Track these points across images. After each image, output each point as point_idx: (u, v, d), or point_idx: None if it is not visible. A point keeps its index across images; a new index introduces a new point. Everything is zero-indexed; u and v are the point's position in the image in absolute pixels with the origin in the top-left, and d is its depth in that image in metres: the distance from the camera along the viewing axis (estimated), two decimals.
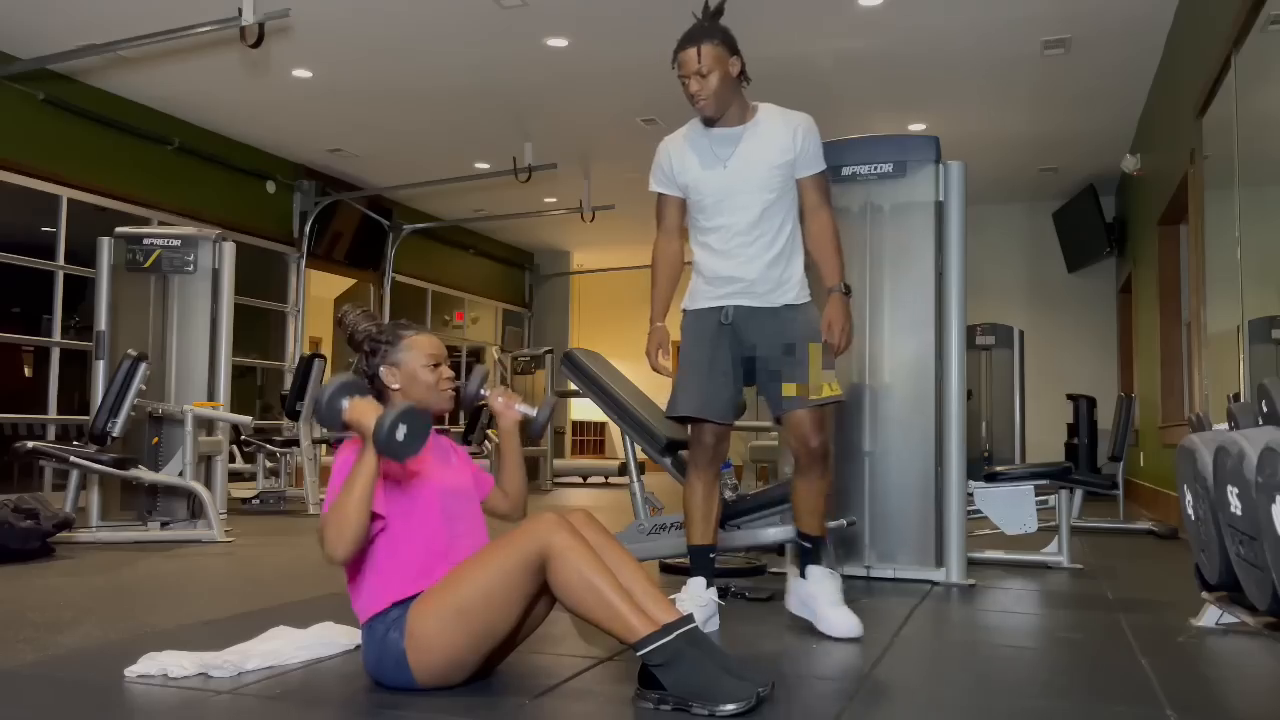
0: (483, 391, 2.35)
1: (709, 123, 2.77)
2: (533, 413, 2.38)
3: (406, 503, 2.07)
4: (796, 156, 2.74)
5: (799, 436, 2.71)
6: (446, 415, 2.33)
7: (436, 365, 2.17)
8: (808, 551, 2.79)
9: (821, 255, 2.79)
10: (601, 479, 11.06)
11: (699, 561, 2.82)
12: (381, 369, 2.16)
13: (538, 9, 5.81)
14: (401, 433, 1.88)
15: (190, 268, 5.55)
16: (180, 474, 5.12)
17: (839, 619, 2.65)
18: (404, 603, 2.02)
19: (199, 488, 5.06)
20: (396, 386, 2.15)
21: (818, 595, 2.70)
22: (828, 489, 2.82)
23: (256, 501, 6.82)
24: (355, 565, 2.06)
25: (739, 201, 2.75)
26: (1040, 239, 10.08)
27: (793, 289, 2.77)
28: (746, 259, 2.76)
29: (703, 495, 2.83)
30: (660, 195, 2.93)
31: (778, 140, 2.73)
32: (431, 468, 2.14)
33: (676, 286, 2.97)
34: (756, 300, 2.76)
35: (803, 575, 2.78)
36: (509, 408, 2.37)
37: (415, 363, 2.15)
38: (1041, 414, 8.76)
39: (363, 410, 1.95)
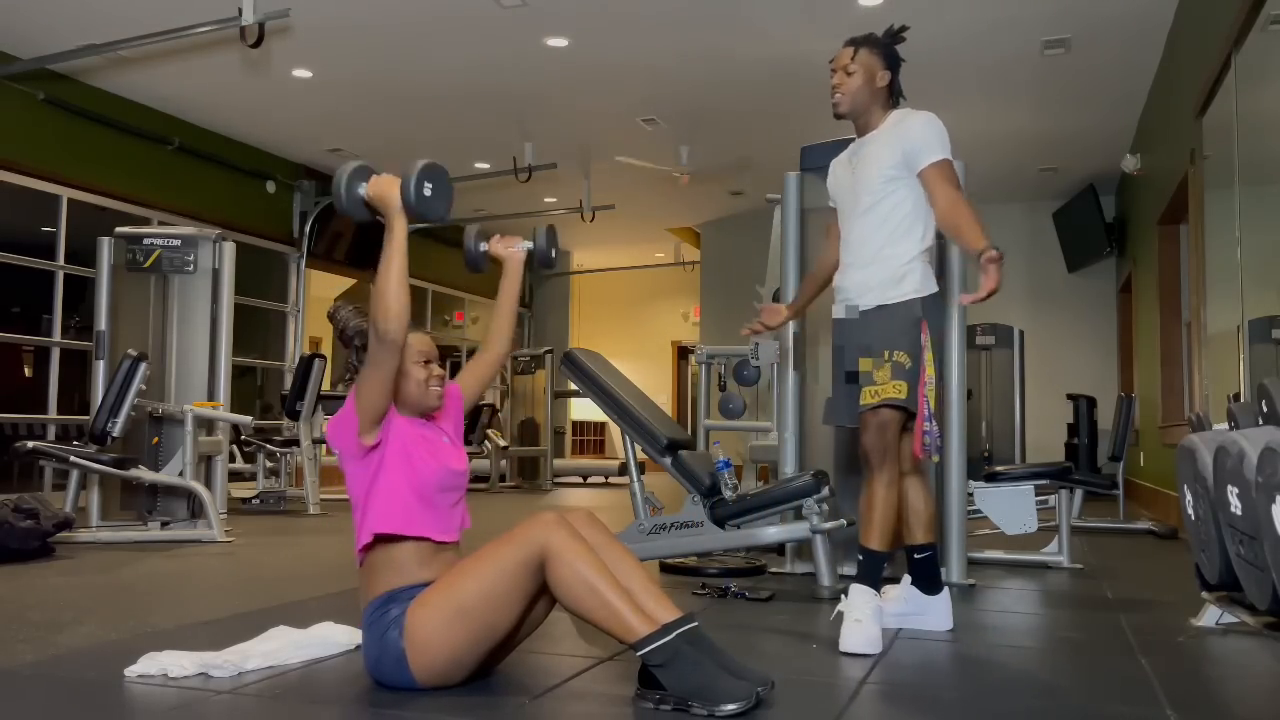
0: (482, 246, 2.39)
1: (858, 130, 2.83)
2: (531, 244, 2.43)
3: (406, 447, 2.07)
4: (905, 158, 2.69)
5: (859, 436, 2.71)
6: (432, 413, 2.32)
7: (427, 362, 2.17)
8: (858, 564, 2.69)
9: (952, 237, 2.70)
10: (601, 479, 11.06)
11: (908, 562, 2.83)
12: None
13: (538, 9, 5.81)
14: (429, 189, 1.93)
15: (190, 268, 5.55)
16: (180, 474, 5.12)
17: (852, 636, 2.52)
18: (402, 597, 2.01)
19: (199, 488, 5.06)
20: None
21: (847, 612, 2.58)
22: (884, 501, 2.65)
23: (256, 501, 6.82)
24: (359, 501, 2.07)
25: (848, 209, 2.81)
26: (1040, 239, 10.08)
27: (879, 291, 2.71)
28: (845, 266, 2.82)
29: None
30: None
31: (886, 144, 2.73)
32: (431, 446, 2.15)
33: (817, 283, 3.06)
34: (847, 306, 2.80)
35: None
36: (510, 247, 2.43)
37: (407, 360, 2.15)
38: (1041, 414, 8.75)
39: (383, 183, 2.01)
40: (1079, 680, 2.28)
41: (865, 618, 2.54)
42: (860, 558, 2.68)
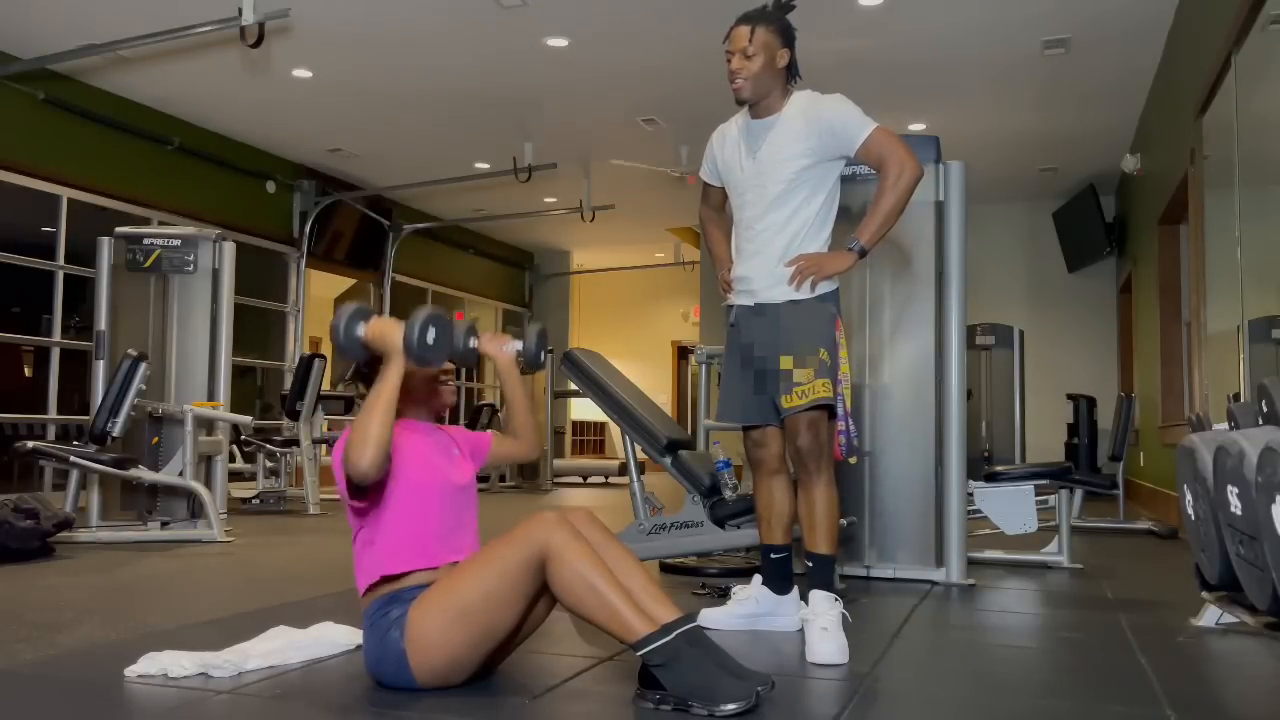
0: (472, 342, 2.36)
1: (753, 113, 2.70)
2: (521, 345, 2.40)
3: (413, 479, 2.08)
4: (830, 143, 2.61)
5: (789, 440, 2.64)
6: (447, 415, 2.33)
7: None
8: (809, 570, 2.63)
9: (875, 196, 2.62)
10: (601, 479, 11.06)
11: (762, 562, 2.82)
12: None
13: (538, 9, 5.81)
14: (431, 335, 1.92)
15: (190, 268, 5.54)
16: (180, 474, 5.12)
17: (822, 645, 2.42)
18: (404, 598, 2.02)
19: (199, 488, 5.06)
20: None
21: (810, 620, 2.51)
22: (828, 502, 2.62)
23: (256, 501, 6.82)
24: (361, 534, 2.08)
25: (752, 196, 2.69)
26: (1040, 239, 10.08)
27: (791, 287, 2.63)
28: (750, 254, 2.70)
29: (764, 500, 2.77)
30: (705, 185, 2.93)
31: (796, 130, 2.63)
32: (438, 460, 2.15)
33: (728, 235, 2.88)
34: (755, 298, 2.70)
35: (803, 598, 2.62)
36: (500, 348, 2.39)
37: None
38: (1041, 414, 8.75)
39: (383, 325, 1.99)
40: (1079, 680, 2.28)
41: (831, 625, 2.46)
42: (810, 564, 2.63)
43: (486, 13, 5.87)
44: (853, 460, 2.71)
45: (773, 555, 2.78)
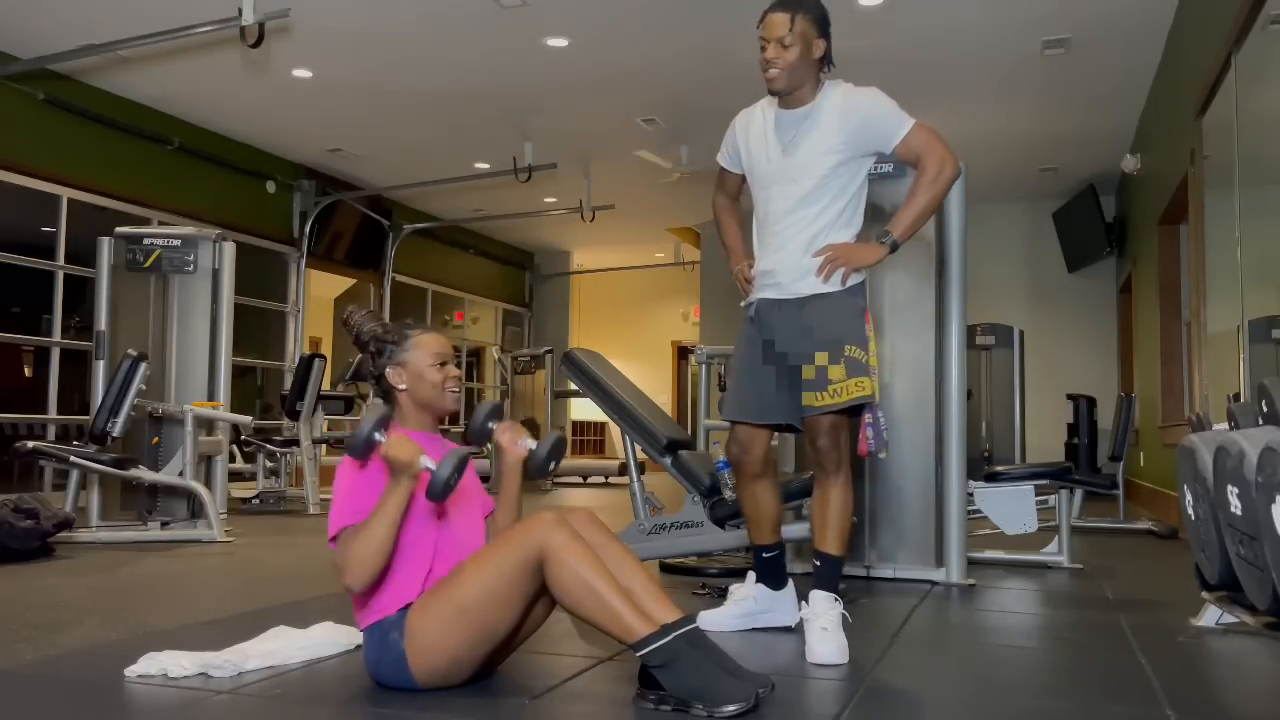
0: (490, 426, 2.30)
1: (783, 104, 2.63)
2: (534, 445, 2.29)
3: (416, 510, 2.06)
4: (866, 138, 2.56)
5: (809, 440, 2.60)
6: (448, 416, 2.33)
7: (443, 364, 2.17)
8: (815, 570, 2.60)
9: (912, 192, 2.57)
10: (601, 479, 11.05)
11: (755, 562, 2.80)
12: (388, 369, 2.16)
13: (538, 9, 5.81)
14: (456, 480, 1.94)
15: (190, 268, 5.54)
16: (180, 474, 5.12)
17: (822, 645, 2.41)
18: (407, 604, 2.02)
19: (199, 488, 5.06)
20: (403, 387, 2.16)
21: (810, 620, 2.49)
22: (842, 503, 2.59)
23: (256, 501, 6.82)
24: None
25: (779, 190, 2.62)
26: (1040, 239, 10.08)
27: (818, 279, 2.56)
28: (776, 248, 2.63)
29: (750, 504, 2.73)
30: (722, 172, 2.86)
31: (831, 125, 2.56)
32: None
33: (743, 227, 2.82)
34: (781, 292, 2.61)
35: (804, 598, 2.57)
36: (514, 444, 2.27)
37: (422, 362, 2.15)
38: (1041, 414, 8.75)
39: (404, 448, 1.94)
40: (1079, 680, 2.28)
41: (831, 626, 2.45)
42: (818, 563, 2.60)
43: (486, 13, 5.87)
44: (883, 455, 2.67)
45: (764, 555, 2.77)
